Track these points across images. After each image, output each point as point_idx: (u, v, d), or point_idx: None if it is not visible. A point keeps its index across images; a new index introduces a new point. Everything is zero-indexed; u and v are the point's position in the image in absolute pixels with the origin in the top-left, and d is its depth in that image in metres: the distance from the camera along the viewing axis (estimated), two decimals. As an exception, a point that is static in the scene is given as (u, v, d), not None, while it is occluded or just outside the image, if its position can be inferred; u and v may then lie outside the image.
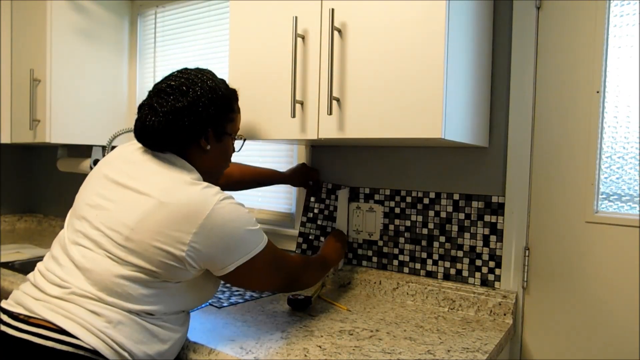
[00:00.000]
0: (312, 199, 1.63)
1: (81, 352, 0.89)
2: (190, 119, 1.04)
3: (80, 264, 0.96)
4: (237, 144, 1.23)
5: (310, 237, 1.63)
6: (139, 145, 1.10)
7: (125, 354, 0.93)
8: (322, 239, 1.62)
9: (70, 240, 1.01)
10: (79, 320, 0.91)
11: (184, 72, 1.09)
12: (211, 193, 0.99)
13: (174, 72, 1.10)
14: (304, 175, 1.65)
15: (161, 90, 1.06)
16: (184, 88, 1.05)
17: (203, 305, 1.35)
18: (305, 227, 1.63)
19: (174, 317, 1.03)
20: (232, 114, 1.14)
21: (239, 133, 1.23)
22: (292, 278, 1.16)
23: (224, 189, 1.46)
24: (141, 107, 1.08)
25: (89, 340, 0.90)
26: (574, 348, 1.30)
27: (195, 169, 1.08)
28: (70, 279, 0.95)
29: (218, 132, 1.11)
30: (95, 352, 0.90)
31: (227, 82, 1.43)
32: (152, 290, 0.97)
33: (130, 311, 0.95)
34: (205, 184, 1.02)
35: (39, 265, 1.04)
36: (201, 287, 1.06)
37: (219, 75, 1.21)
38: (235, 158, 1.97)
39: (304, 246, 1.63)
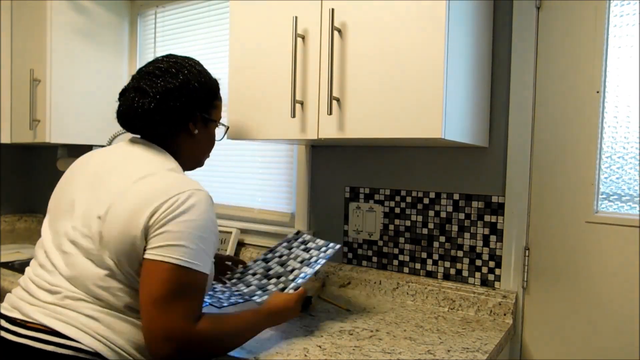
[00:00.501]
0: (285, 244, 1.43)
1: (82, 355, 0.89)
2: (181, 101, 1.03)
3: (64, 272, 0.94)
4: (219, 133, 1.23)
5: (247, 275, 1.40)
6: (114, 146, 1.08)
7: (126, 355, 0.93)
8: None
9: (53, 245, 0.99)
10: (76, 324, 0.90)
11: (171, 56, 1.09)
12: (189, 181, 0.97)
13: (159, 57, 1.09)
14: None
15: (149, 73, 1.04)
16: (174, 70, 1.04)
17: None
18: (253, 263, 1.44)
19: None
20: (217, 101, 1.15)
21: (222, 123, 1.22)
22: (183, 332, 0.88)
23: None
24: (125, 92, 1.06)
25: (90, 343, 0.89)
26: (574, 348, 1.30)
27: (180, 156, 1.08)
28: (60, 283, 0.94)
29: (205, 117, 1.11)
30: (96, 354, 0.89)
31: (227, 81, 1.44)
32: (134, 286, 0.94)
33: (123, 311, 0.93)
34: (185, 175, 1.00)
35: (28, 271, 1.02)
36: None
37: (219, 76, 1.22)
38: (234, 156, 1.97)
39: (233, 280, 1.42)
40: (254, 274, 1.38)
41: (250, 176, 1.93)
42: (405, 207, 1.53)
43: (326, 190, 1.69)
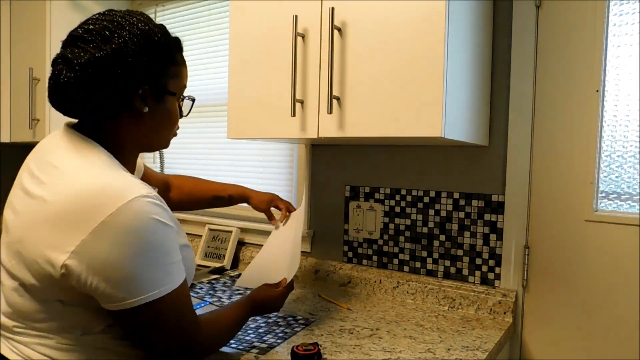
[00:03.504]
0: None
1: None
2: (116, 73, 0.80)
3: (2, 300, 0.84)
4: (186, 106, 0.98)
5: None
6: (58, 131, 0.88)
7: None
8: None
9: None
10: (28, 355, 0.80)
11: (109, 13, 0.84)
12: (125, 183, 0.76)
13: (95, 15, 0.85)
14: (270, 203, 1.42)
15: (77, 37, 0.81)
16: (107, 33, 0.80)
17: (203, 304, 1.35)
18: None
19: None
20: (174, 67, 0.90)
21: (187, 93, 0.97)
22: (186, 344, 0.85)
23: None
24: (55, 62, 0.83)
25: None
26: (574, 346, 1.30)
27: (128, 141, 0.88)
28: (5, 310, 0.83)
29: (157, 89, 0.87)
30: None
31: (228, 81, 1.43)
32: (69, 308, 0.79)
33: (66, 337, 0.80)
34: (124, 173, 0.80)
35: None
36: None
37: (219, 75, 1.17)
38: (235, 155, 1.97)
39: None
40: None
41: (250, 175, 1.93)
42: (406, 206, 1.54)
43: (326, 189, 1.69)
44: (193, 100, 1.00)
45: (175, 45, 0.90)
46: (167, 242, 0.78)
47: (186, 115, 0.99)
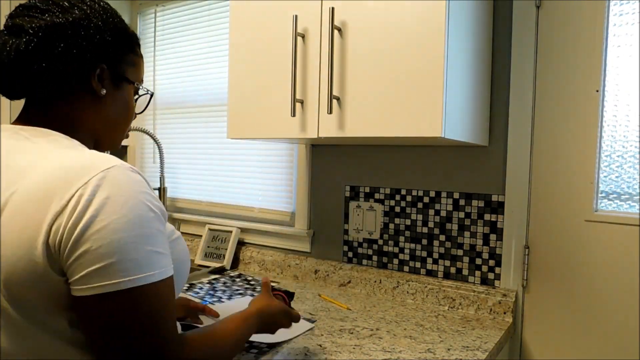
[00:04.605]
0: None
1: None
2: (76, 43, 0.71)
3: None
4: (142, 103, 0.90)
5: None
6: None
7: None
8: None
9: None
10: None
11: None
12: (92, 157, 0.65)
13: None
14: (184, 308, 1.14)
15: (29, 7, 0.72)
16: (66, 4, 0.73)
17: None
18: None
19: None
20: (134, 56, 0.83)
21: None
22: (154, 355, 0.63)
23: None
24: None
25: None
26: (574, 346, 1.30)
27: (82, 129, 0.76)
28: None
29: (116, 73, 0.79)
30: None
31: (228, 81, 1.44)
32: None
33: None
34: (84, 149, 0.71)
35: None
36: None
37: (219, 75, 1.17)
38: (235, 156, 1.97)
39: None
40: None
41: (250, 175, 1.93)
42: (406, 206, 1.54)
43: (326, 189, 1.70)
44: (151, 95, 0.91)
45: (135, 37, 0.84)
46: (154, 199, 0.66)
47: (142, 112, 0.92)
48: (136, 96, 0.87)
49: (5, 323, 0.64)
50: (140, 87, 0.86)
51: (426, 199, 1.50)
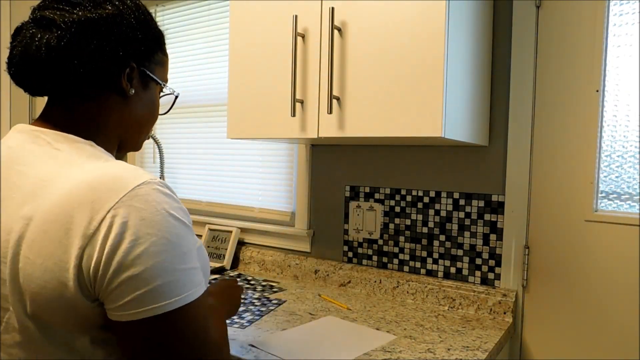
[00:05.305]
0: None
1: None
2: (109, 40, 0.68)
3: None
4: (164, 103, 0.88)
5: None
6: (16, 134, 0.70)
7: None
8: None
9: None
10: None
11: None
12: (127, 171, 0.62)
13: None
14: None
15: (59, 0, 0.68)
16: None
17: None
18: None
19: None
20: (162, 55, 0.82)
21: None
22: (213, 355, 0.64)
23: None
24: (19, 30, 0.69)
25: None
26: (574, 346, 1.30)
27: (107, 130, 0.73)
28: None
29: (144, 72, 0.76)
30: None
31: (228, 81, 1.43)
32: None
33: None
34: (116, 161, 0.67)
35: None
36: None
37: (219, 75, 1.17)
38: (235, 156, 1.97)
39: None
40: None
41: (250, 175, 1.93)
42: (406, 206, 1.54)
43: (326, 189, 1.70)
44: (177, 96, 0.90)
45: (162, 34, 0.82)
46: (184, 240, 0.63)
47: (166, 113, 0.90)
48: (161, 94, 0.84)
49: (23, 339, 0.62)
50: (166, 87, 0.83)
51: (426, 199, 1.50)
